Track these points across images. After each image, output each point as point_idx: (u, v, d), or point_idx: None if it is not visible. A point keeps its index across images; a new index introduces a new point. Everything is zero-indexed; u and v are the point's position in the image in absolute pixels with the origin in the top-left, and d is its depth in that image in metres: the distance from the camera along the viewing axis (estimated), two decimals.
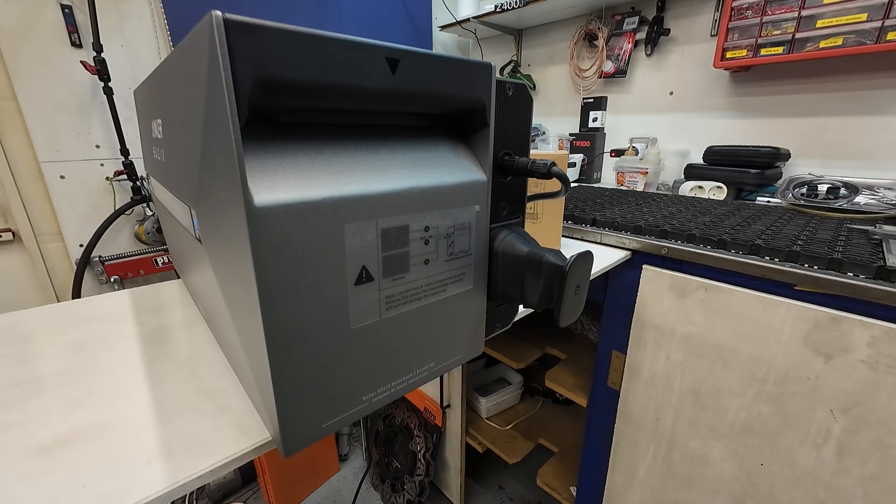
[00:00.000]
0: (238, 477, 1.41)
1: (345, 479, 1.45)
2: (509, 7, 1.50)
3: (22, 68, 0.98)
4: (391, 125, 0.29)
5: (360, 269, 0.25)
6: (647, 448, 0.83)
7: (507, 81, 0.32)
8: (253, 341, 0.24)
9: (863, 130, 1.09)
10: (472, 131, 0.32)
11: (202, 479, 0.26)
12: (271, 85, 0.20)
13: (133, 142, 1.12)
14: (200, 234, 0.30)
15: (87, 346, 0.41)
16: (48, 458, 0.27)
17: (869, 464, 0.57)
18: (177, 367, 0.37)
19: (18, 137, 1.01)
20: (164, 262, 1.20)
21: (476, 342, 0.36)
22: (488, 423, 1.31)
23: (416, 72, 0.25)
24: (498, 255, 0.33)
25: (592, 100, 1.52)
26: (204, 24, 0.19)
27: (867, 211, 0.90)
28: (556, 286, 0.29)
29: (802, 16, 1.00)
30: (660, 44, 1.39)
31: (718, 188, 1.18)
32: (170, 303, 0.51)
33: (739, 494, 0.71)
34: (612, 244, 0.78)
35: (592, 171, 1.52)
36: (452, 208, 0.29)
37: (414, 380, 0.31)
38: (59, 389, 0.34)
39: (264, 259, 0.21)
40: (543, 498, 1.29)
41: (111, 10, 1.06)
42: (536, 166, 0.32)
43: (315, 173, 0.23)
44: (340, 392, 0.26)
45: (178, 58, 0.26)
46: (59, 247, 1.11)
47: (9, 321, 0.46)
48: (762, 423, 0.66)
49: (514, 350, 1.21)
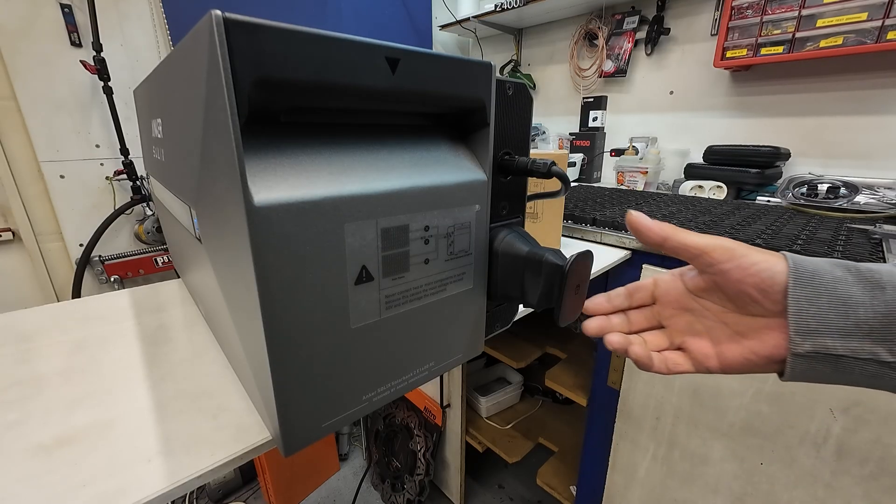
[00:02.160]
0: (238, 476, 1.41)
1: (345, 479, 1.45)
2: (509, 6, 1.49)
3: (21, 68, 0.98)
4: (391, 125, 0.29)
5: (360, 268, 0.25)
6: (647, 447, 0.83)
7: (507, 81, 0.32)
8: (253, 341, 0.24)
9: (863, 130, 1.09)
10: (472, 131, 0.32)
11: (202, 478, 0.26)
12: (271, 84, 0.20)
13: (133, 141, 1.12)
14: (200, 233, 0.30)
15: (87, 345, 0.41)
16: (48, 457, 0.27)
17: (869, 463, 0.58)
18: (177, 366, 0.37)
19: (18, 137, 1.01)
20: (164, 261, 1.20)
21: (476, 342, 0.36)
22: (488, 423, 1.31)
23: (415, 71, 0.25)
24: (498, 254, 0.33)
25: (592, 99, 1.51)
26: (203, 23, 0.19)
27: (867, 210, 0.90)
28: (557, 285, 0.29)
29: (802, 15, 1.00)
30: (660, 43, 1.39)
31: (718, 188, 1.18)
32: (170, 302, 0.51)
33: (739, 494, 0.71)
34: (612, 244, 0.78)
35: (592, 171, 1.52)
36: (452, 208, 0.29)
37: (414, 379, 0.31)
38: (59, 389, 0.34)
39: (264, 258, 0.21)
40: (543, 497, 1.29)
41: (111, 9, 1.06)
42: (536, 166, 0.32)
43: (315, 172, 0.23)
44: (340, 391, 0.27)
45: (178, 57, 0.26)
46: (59, 246, 1.11)
47: (9, 321, 0.46)
48: (762, 423, 0.66)
49: (514, 349, 1.21)
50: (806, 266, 0.25)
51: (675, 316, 0.32)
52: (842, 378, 0.25)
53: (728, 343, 0.28)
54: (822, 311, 0.24)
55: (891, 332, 0.23)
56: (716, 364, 0.29)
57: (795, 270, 0.25)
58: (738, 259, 0.27)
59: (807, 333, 0.25)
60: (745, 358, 0.28)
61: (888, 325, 0.23)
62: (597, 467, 0.95)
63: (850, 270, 0.25)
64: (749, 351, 0.27)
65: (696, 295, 0.30)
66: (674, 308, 0.31)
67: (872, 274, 0.24)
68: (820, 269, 0.25)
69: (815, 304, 0.25)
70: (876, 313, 0.23)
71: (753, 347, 0.27)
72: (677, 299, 0.31)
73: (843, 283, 0.24)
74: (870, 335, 0.23)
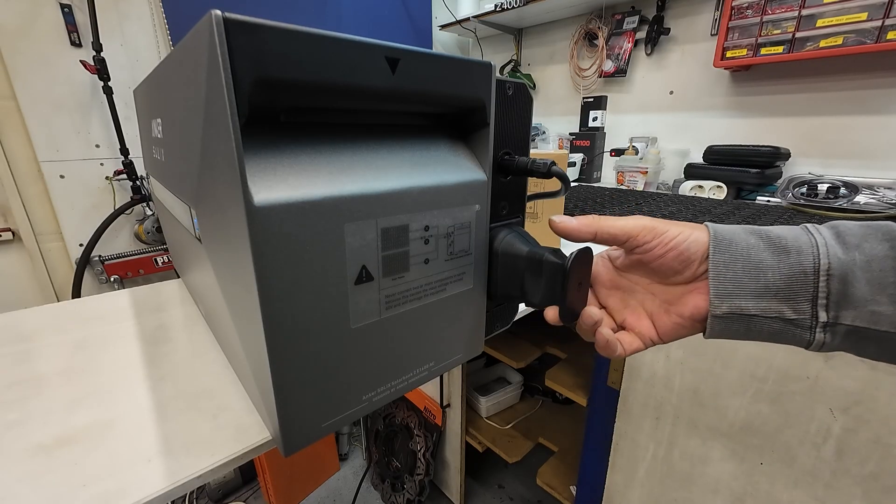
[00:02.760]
0: (238, 476, 1.41)
1: (345, 479, 1.45)
2: (509, 6, 1.49)
3: (21, 67, 0.98)
4: (391, 124, 0.29)
5: (360, 268, 0.25)
6: (647, 447, 0.83)
7: (507, 81, 0.32)
8: (253, 341, 0.24)
9: (863, 130, 1.09)
10: (472, 131, 0.32)
11: (202, 478, 0.26)
12: (271, 84, 0.20)
13: (133, 141, 1.12)
14: (200, 233, 0.30)
15: (87, 345, 0.41)
16: (48, 457, 0.27)
17: (868, 463, 0.58)
18: (177, 366, 0.37)
19: (18, 137, 1.01)
20: (164, 261, 1.20)
21: (476, 341, 0.36)
22: (488, 423, 1.31)
23: (415, 71, 0.25)
24: (498, 254, 0.33)
25: (592, 99, 1.51)
26: (203, 23, 0.19)
27: (867, 210, 0.90)
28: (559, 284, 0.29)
29: (802, 15, 1.00)
30: (660, 43, 1.39)
31: (718, 187, 1.18)
32: (170, 302, 0.51)
33: (739, 494, 0.71)
34: None
35: (592, 171, 1.52)
36: (452, 207, 0.29)
37: (414, 379, 0.31)
38: (59, 389, 0.34)
39: (264, 258, 0.21)
40: (543, 497, 1.29)
41: (111, 9, 1.06)
42: (536, 166, 0.32)
43: (315, 172, 0.23)
44: (340, 391, 0.27)
45: (178, 57, 0.26)
46: (58, 246, 1.11)
47: (9, 321, 0.46)
48: (762, 423, 0.66)
49: (514, 349, 1.21)
50: (724, 234, 0.28)
51: (610, 296, 0.33)
52: (752, 335, 0.27)
53: (659, 312, 0.31)
54: (738, 276, 0.27)
55: (793, 291, 0.25)
56: (655, 335, 0.31)
57: (715, 239, 0.28)
58: (661, 236, 0.29)
59: (725, 296, 0.27)
60: (674, 323, 0.30)
61: (791, 285, 0.25)
62: (597, 467, 0.95)
63: (762, 237, 0.27)
64: (677, 316, 0.29)
65: (623, 272, 0.32)
66: (607, 288, 0.33)
67: (780, 240, 0.27)
68: (736, 237, 0.27)
69: (732, 268, 0.27)
70: (782, 276, 0.26)
71: (680, 311, 0.29)
72: (609, 279, 0.33)
73: (756, 250, 0.27)
74: (776, 295, 0.26)
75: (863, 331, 0.24)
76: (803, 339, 0.26)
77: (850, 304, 0.24)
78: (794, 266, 0.25)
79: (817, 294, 0.25)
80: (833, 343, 0.26)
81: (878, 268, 0.24)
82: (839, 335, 0.25)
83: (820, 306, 0.25)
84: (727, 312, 0.27)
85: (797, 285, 0.25)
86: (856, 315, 0.24)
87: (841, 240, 0.25)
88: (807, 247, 0.26)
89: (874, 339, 0.24)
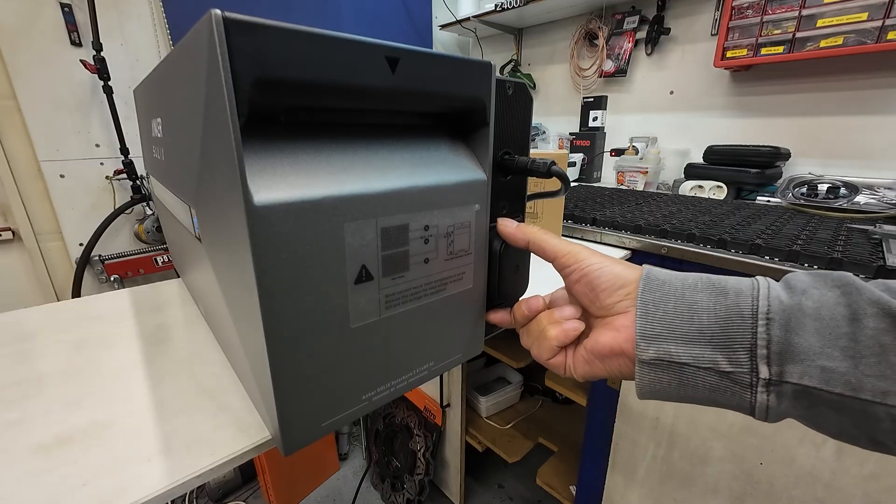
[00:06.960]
0: (238, 476, 1.41)
1: (345, 478, 1.45)
2: (509, 6, 1.49)
3: (21, 67, 0.98)
4: (391, 124, 0.29)
5: (360, 268, 0.25)
6: (647, 447, 0.83)
7: (507, 80, 0.32)
8: (253, 340, 0.24)
9: (863, 130, 1.09)
10: (472, 130, 0.32)
11: (202, 477, 0.26)
12: (271, 84, 0.20)
13: (133, 141, 1.12)
14: (200, 233, 0.30)
15: (87, 345, 0.41)
16: (48, 456, 0.27)
17: (868, 463, 0.58)
18: (176, 366, 0.37)
19: (18, 136, 1.01)
20: (164, 261, 1.20)
21: (476, 341, 0.36)
22: (488, 423, 1.31)
23: (415, 71, 0.25)
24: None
25: (592, 99, 1.51)
26: (203, 22, 0.19)
27: (867, 210, 0.90)
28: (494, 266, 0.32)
29: (803, 15, 1.00)
30: (660, 43, 1.39)
31: (718, 187, 1.18)
32: (170, 302, 0.51)
33: (739, 494, 0.71)
34: (611, 243, 0.78)
35: (592, 171, 1.52)
36: (452, 207, 0.29)
37: (414, 379, 0.31)
38: (59, 388, 0.34)
39: (264, 258, 0.21)
40: (543, 497, 1.29)
41: (111, 8, 1.06)
42: (536, 165, 0.32)
43: (315, 172, 0.23)
44: (340, 391, 0.27)
45: (178, 57, 0.26)
46: (58, 246, 1.11)
47: (9, 320, 0.46)
48: (762, 423, 0.66)
49: (513, 349, 1.21)
50: (658, 275, 0.26)
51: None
52: (687, 391, 0.24)
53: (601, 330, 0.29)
54: (669, 316, 0.24)
55: (729, 337, 0.23)
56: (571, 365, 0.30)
57: (647, 278, 0.26)
58: (580, 262, 0.28)
59: (651, 339, 0.24)
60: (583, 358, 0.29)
61: (726, 329, 0.23)
62: (596, 467, 0.95)
63: (702, 278, 0.25)
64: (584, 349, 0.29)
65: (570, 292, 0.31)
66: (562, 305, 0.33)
67: (721, 282, 0.24)
68: (671, 278, 0.26)
69: (662, 307, 0.25)
70: (718, 318, 0.23)
71: (590, 346, 0.28)
72: (562, 296, 0.32)
73: (692, 290, 0.24)
74: (710, 341, 0.23)
75: (814, 393, 0.21)
76: (744, 399, 0.23)
77: (796, 356, 0.21)
78: (730, 308, 0.23)
79: (756, 342, 0.22)
80: (780, 408, 0.22)
81: (828, 315, 0.21)
82: (786, 397, 0.22)
83: (760, 357, 0.22)
84: (654, 358, 0.24)
85: (733, 329, 0.22)
86: (803, 371, 0.21)
87: (787, 285, 0.23)
88: (747, 289, 0.23)
89: (831, 406, 0.20)
